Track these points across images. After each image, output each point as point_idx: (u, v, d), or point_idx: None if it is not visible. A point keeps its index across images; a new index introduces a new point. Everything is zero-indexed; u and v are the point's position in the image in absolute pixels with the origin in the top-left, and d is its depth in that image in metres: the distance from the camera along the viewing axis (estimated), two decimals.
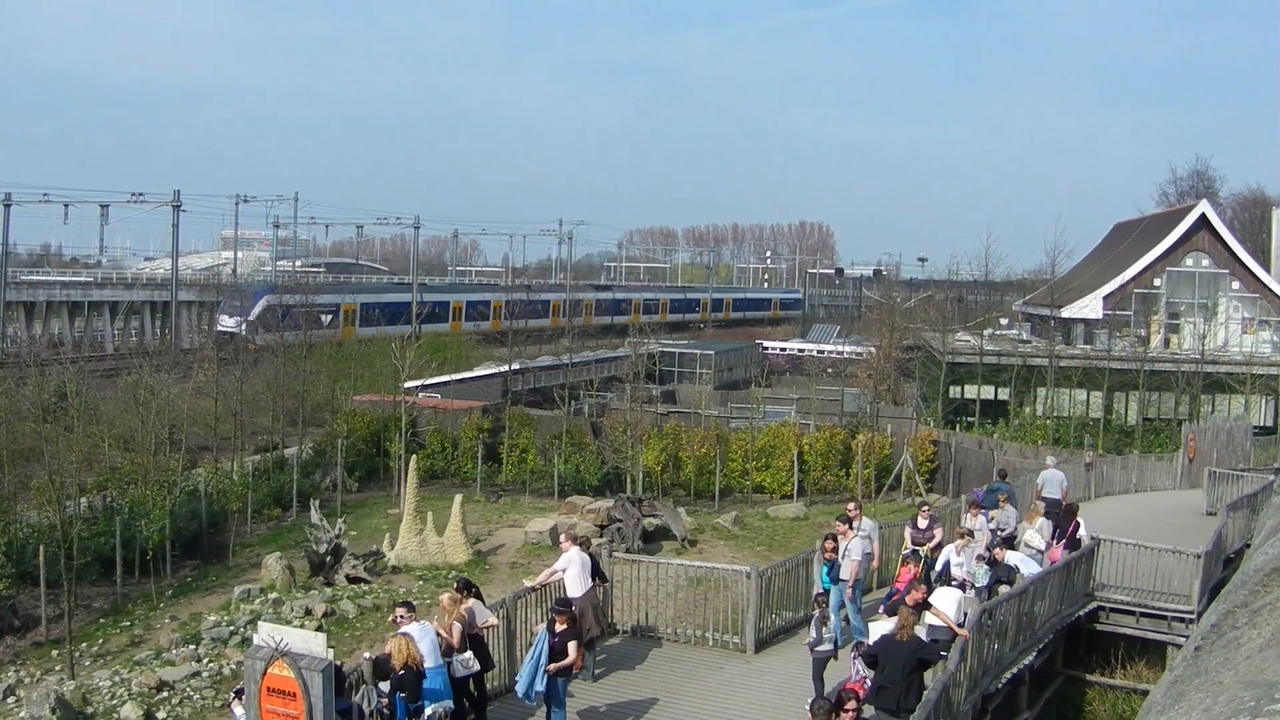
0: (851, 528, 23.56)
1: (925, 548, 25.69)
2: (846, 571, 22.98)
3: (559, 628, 17.87)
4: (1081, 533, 27.68)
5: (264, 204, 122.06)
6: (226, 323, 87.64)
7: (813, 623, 19.97)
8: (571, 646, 17.49)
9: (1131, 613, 28.11)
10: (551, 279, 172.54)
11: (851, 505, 25.38)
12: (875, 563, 25.35)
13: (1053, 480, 33.91)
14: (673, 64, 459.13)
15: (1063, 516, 28.54)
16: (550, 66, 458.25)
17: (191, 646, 28.61)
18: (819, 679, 19.33)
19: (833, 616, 21.51)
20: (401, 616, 16.88)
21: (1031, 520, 28.93)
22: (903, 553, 25.78)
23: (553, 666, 17.54)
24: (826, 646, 19.68)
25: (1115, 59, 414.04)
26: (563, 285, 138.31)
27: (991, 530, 27.04)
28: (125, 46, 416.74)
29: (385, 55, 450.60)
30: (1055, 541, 28.02)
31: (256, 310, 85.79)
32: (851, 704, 15.12)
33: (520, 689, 17.81)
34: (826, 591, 22.37)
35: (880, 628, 19.00)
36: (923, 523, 26.73)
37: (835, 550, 23.07)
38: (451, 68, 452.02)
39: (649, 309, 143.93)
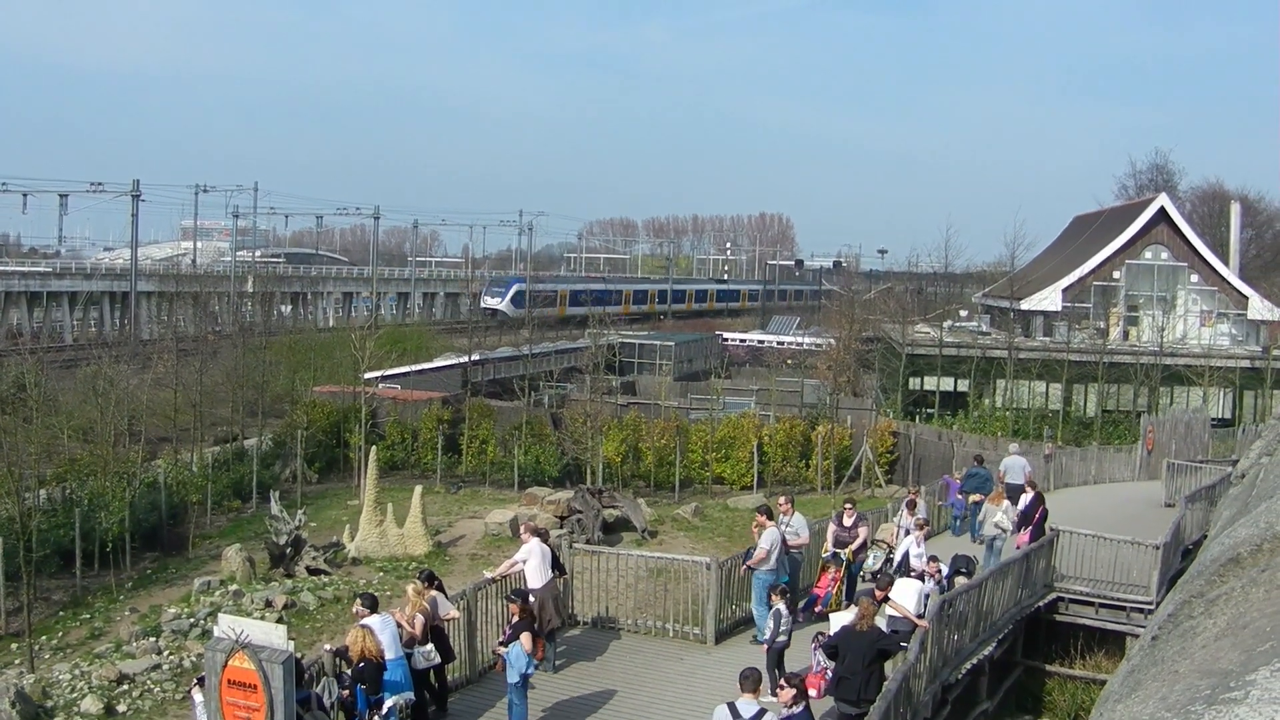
0: (772, 519, 23.46)
1: (847, 550, 24.90)
2: (756, 559, 22.78)
3: (513, 618, 17.88)
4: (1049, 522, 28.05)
5: (224, 194, 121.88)
6: (490, 302, 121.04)
7: (771, 614, 20.00)
8: (525, 637, 17.46)
9: (1091, 603, 28.28)
10: (511, 270, 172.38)
11: (783, 500, 25.19)
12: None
13: (1014, 466, 34.41)
14: (632, 54, 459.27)
15: (1030, 503, 28.85)
16: (510, 56, 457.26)
17: (152, 639, 28.46)
18: (778, 669, 19.27)
19: (755, 608, 21.63)
20: (360, 610, 16.85)
21: (997, 503, 29.33)
22: (822, 556, 25.29)
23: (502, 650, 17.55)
24: (784, 639, 19.73)
25: (1075, 52, 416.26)
26: (645, 277, 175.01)
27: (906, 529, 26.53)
28: (84, 33, 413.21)
29: (345, 43, 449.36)
30: (1021, 527, 28.33)
31: (510, 293, 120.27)
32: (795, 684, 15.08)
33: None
34: (785, 584, 22.40)
35: (841, 618, 19.04)
36: (848, 520, 25.62)
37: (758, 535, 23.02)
38: (411, 56, 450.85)
39: (700, 298, 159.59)
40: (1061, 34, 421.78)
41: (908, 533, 25.85)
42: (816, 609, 23.90)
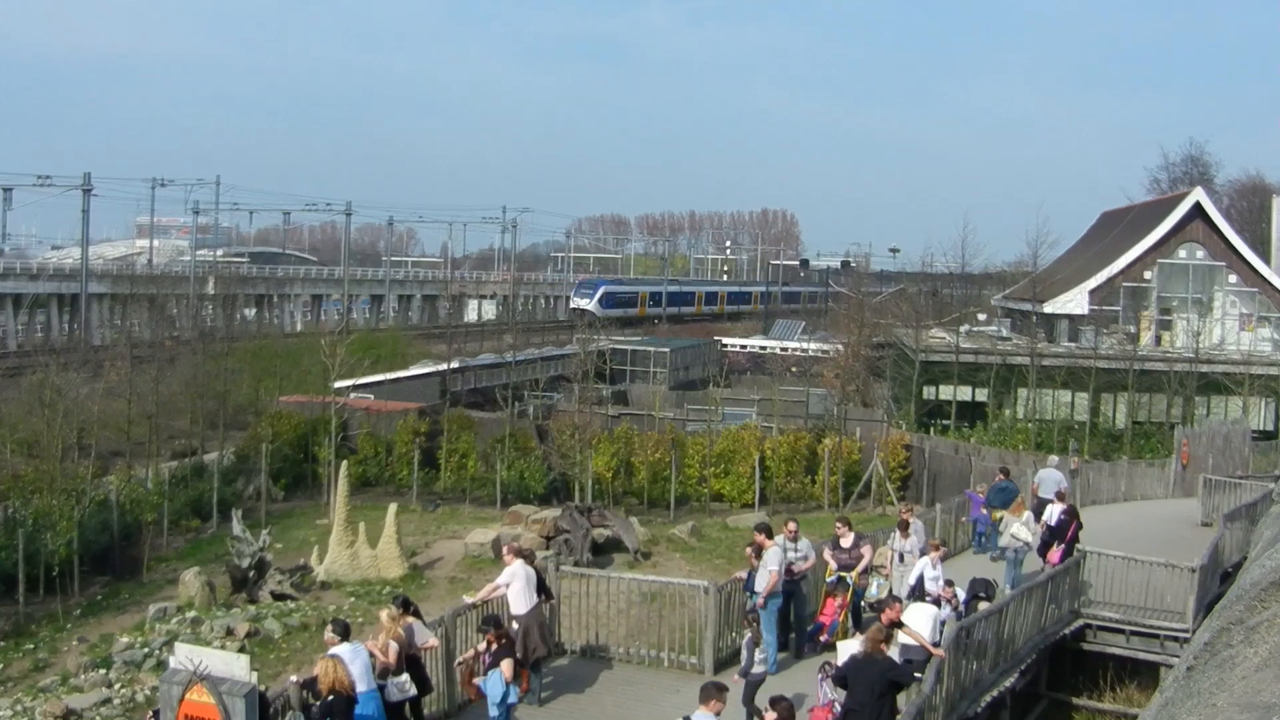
0: (772, 538, 23.30)
1: (853, 573, 24.43)
2: (761, 583, 22.74)
3: (491, 646, 17.86)
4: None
5: (183, 188, 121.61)
6: (579, 302, 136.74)
7: (743, 644, 19.93)
8: (505, 665, 17.41)
9: (1121, 631, 28.22)
10: (494, 270, 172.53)
11: (790, 524, 24.91)
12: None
13: (1049, 480, 34.46)
14: (627, 39, 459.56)
15: (1062, 518, 29.03)
16: (494, 40, 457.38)
17: (101, 671, 28.39)
18: (749, 702, 19.13)
19: (766, 635, 21.55)
20: (330, 638, 16.77)
21: (1018, 513, 29.30)
22: (826, 580, 24.93)
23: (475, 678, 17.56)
24: (760, 669, 19.66)
25: (1101, 35, 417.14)
26: (714, 280, 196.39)
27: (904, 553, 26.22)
28: (27, 8, 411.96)
29: (314, 26, 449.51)
30: (1054, 544, 28.39)
31: (599, 294, 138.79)
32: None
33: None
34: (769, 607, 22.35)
35: (849, 647, 19.00)
36: (845, 542, 24.88)
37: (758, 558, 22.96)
38: (386, 40, 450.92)
39: (764, 300, 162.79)
40: (1086, 15, 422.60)
41: (902, 558, 25.76)
42: (822, 638, 23.83)
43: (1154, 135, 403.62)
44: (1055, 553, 28.29)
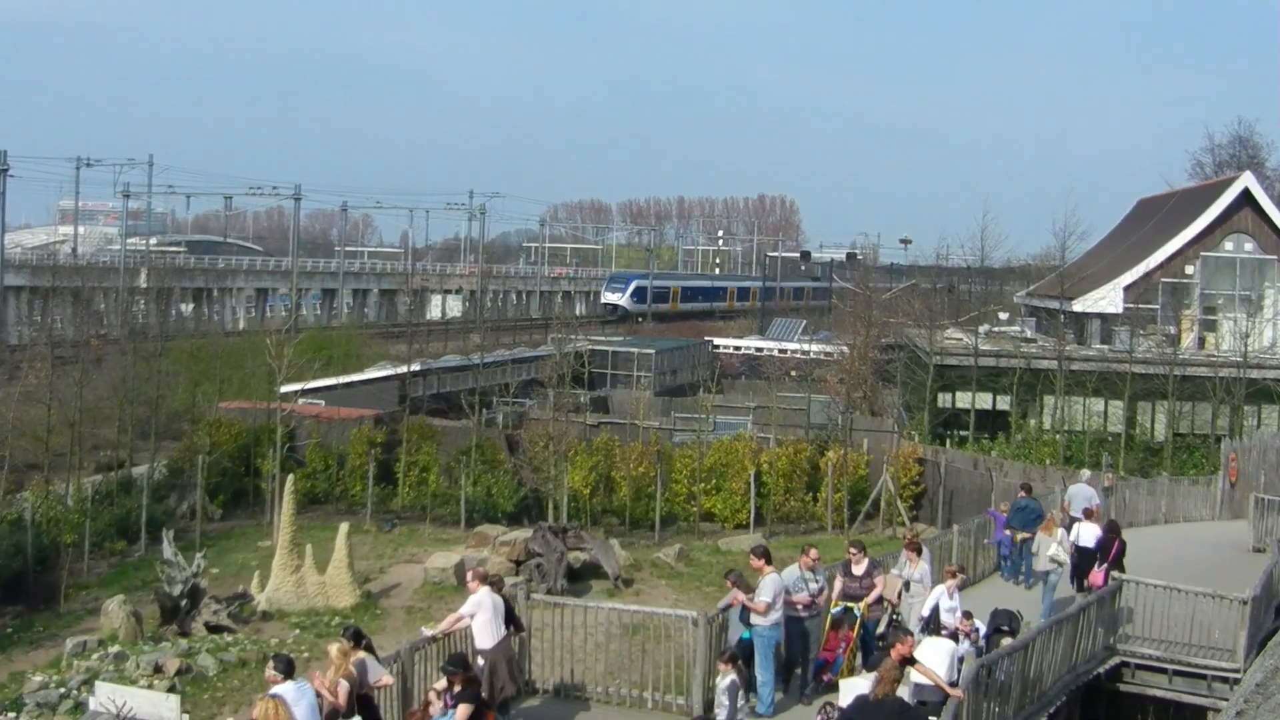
0: (770, 563, 23.03)
1: (862, 604, 24.38)
2: (753, 615, 22.48)
3: (454, 688, 17.68)
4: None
5: (111, 169, 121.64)
6: (610, 297, 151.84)
7: (722, 689, 19.74)
8: (461, 709, 17.24)
9: (1163, 670, 28.04)
10: (460, 262, 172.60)
11: (812, 552, 24.61)
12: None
13: (1080, 496, 34.55)
14: (609, 6, 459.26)
15: (1104, 536, 29.36)
16: (459, 8, 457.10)
17: (11, 715, 28.14)
18: None
19: (761, 673, 21.39)
20: (272, 676, 16.57)
21: (1049, 531, 29.33)
22: (831, 611, 24.69)
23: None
24: None
25: (1134, 2, 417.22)
26: (745, 275, 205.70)
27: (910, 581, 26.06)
28: None
29: None
30: (1097, 563, 28.47)
31: (630, 288, 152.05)
32: None
33: None
34: (745, 643, 22.16)
35: (854, 686, 18.84)
36: (858, 568, 24.86)
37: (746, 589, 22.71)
38: (340, 7, 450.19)
39: (796, 295, 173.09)
40: None
41: (909, 587, 25.59)
42: (825, 677, 23.65)
43: (1197, 114, 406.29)
44: (1098, 574, 28.29)
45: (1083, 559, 30.22)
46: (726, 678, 19.70)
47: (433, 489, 49.27)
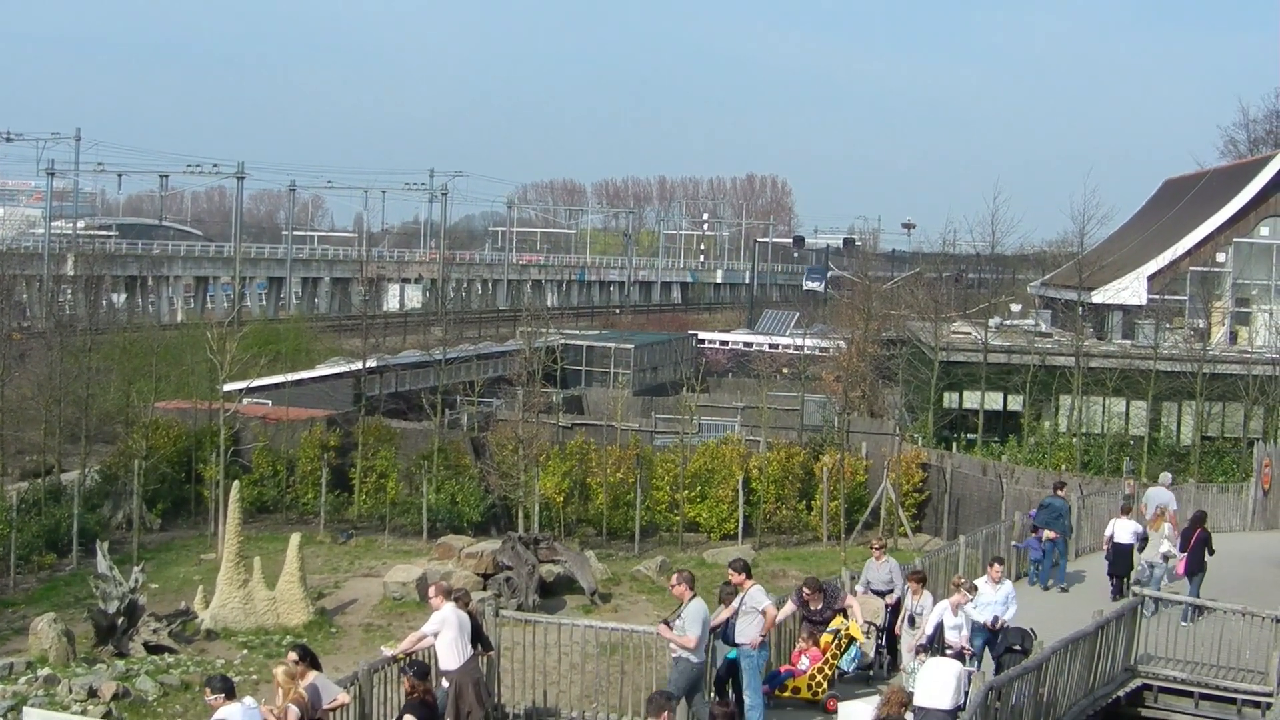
0: (750, 578, 22.85)
1: (850, 624, 24.60)
2: (747, 633, 22.40)
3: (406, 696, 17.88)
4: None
5: (34, 144, 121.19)
6: (812, 285, 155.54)
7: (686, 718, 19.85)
8: None
9: (1189, 694, 28.08)
10: (420, 248, 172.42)
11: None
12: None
13: (1154, 499, 34.94)
14: None
15: (1189, 525, 31.23)
16: None
17: None
18: None
19: (749, 695, 21.53)
20: (212, 700, 16.67)
21: (1156, 527, 30.62)
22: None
23: None
24: None
25: None
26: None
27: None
28: None
29: None
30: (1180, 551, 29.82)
31: (828, 276, 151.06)
32: None
33: None
34: (730, 662, 22.27)
35: (858, 712, 19.01)
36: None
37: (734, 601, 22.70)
38: None
39: None
40: None
41: (913, 620, 25.60)
42: (779, 693, 23.70)
43: (1231, 86, 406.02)
44: (1180, 564, 30.82)
45: (1118, 556, 31.03)
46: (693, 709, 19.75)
47: (392, 496, 49.37)
